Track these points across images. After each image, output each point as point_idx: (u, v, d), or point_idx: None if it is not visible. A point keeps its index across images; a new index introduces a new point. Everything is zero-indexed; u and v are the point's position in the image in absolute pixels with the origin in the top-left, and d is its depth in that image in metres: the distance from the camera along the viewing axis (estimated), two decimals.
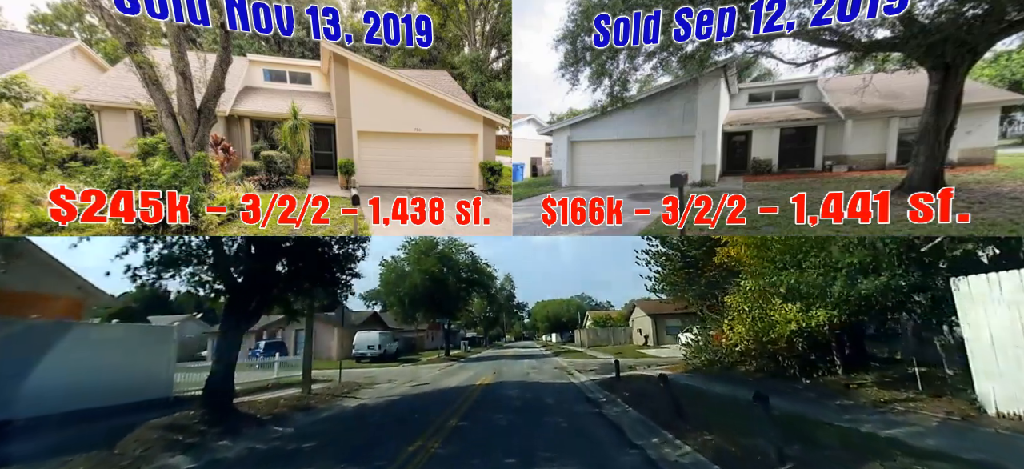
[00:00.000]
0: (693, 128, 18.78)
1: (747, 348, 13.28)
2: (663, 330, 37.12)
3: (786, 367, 12.64)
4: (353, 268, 13.12)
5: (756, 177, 19.01)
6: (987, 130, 17.63)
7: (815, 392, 10.77)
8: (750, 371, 14.16)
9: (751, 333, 12.54)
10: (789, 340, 11.68)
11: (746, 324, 12.64)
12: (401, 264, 33.12)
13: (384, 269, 33.43)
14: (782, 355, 12.55)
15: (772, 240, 11.54)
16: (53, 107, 14.40)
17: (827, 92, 20.04)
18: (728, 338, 13.74)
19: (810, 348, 11.91)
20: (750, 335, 12.61)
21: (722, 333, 14.63)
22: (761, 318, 12.09)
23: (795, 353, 12.18)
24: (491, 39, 31.64)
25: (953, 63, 11.30)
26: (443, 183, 17.35)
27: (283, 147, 15.97)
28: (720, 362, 15.23)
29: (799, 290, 10.70)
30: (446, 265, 33.27)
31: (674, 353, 25.29)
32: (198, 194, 9.46)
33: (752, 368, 14.08)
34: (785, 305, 11.46)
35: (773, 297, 11.90)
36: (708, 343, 16.04)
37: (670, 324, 36.21)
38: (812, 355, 12.01)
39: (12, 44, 17.39)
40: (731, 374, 14.52)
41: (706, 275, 16.93)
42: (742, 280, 13.11)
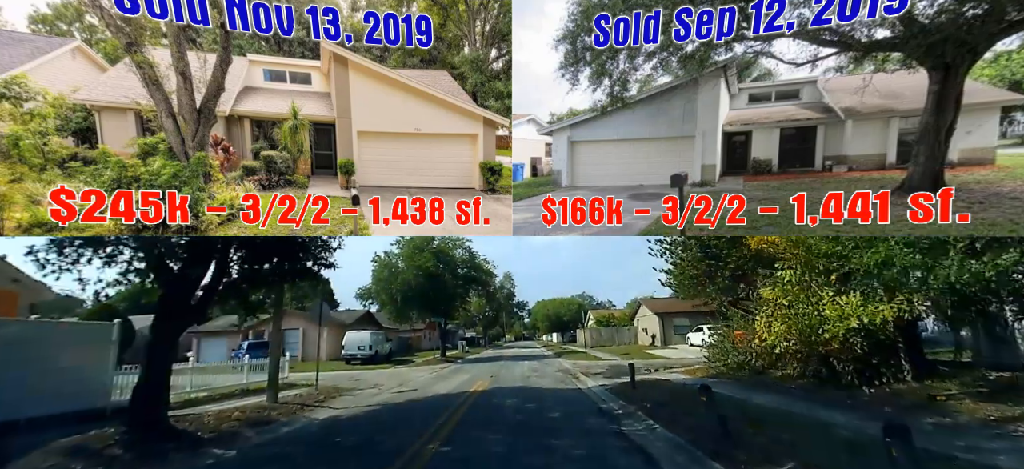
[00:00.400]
0: (693, 128, 18.78)
1: (789, 349, 11.36)
2: (671, 329, 35.61)
3: (842, 372, 10.61)
4: (324, 262, 11.65)
5: (756, 177, 19.01)
6: (987, 130, 17.64)
7: (889, 404, 8.83)
8: (789, 376, 12.37)
9: (794, 331, 10.73)
10: (845, 339, 9.86)
11: (787, 321, 10.84)
12: (395, 260, 31.37)
13: (376, 265, 31.68)
14: (836, 357, 10.61)
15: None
16: (53, 107, 14.41)
17: (827, 92, 20.04)
18: (762, 337, 11.90)
19: (872, 349, 10.05)
20: (794, 334, 10.78)
21: (750, 332, 12.92)
22: (806, 314, 10.38)
23: (853, 355, 10.21)
24: (491, 39, 31.65)
25: (953, 63, 11.31)
26: (443, 183, 17.35)
27: (283, 147, 15.97)
28: (750, 365, 13.42)
29: (878, 276, 9.25)
30: (442, 261, 31.39)
31: (685, 354, 24.56)
32: (198, 194, 9.45)
33: (793, 372, 12.23)
34: (840, 298, 9.90)
35: (822, 289, 10.43)
36: (735, 344, 14.18)
37: (678, 323, 34.98)
38: (873, 358, 10.15)
39: (12, 44, 17.40)
40: (763, 379, 12.85)
41: (730, 267, 15.24)
42: (780, 271, 11.42)
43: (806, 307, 10.45)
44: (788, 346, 11.22)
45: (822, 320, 10.00)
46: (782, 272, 11.26)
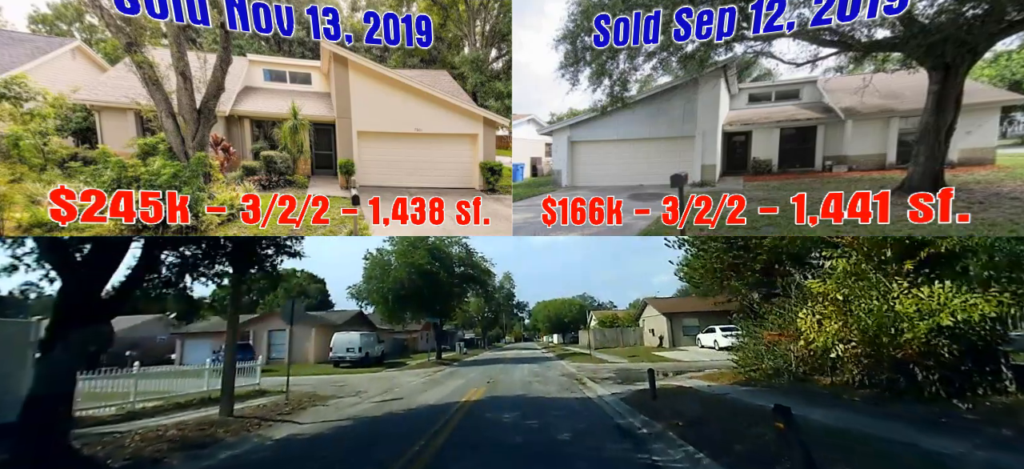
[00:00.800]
0: (693, 128, 18.79)
1: (848, 352, 9.55)
2: (680, 330, 33.74)
3: (923, 383, 8.51)
4: (271, 261, 10.81)
5: (756, 177, 19.01)
6: (987, 130, 17.65)
7: (999, 423, 6.83)
8: (846, 384, 10.07)
9: (855, 331, 8.98)
10: (927, 341, 8.13)
11: (843, 319, 9.20)
12: (387, 257, 29.77)
13: (368, 262, 30.04)
14: (915, 363, 8.56)
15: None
16: (53, 107, 14.41)
17: (827, 92, 20.05)
18: (809, 339, 10.11)
19: (961, 353, 8.16)
20: (855, 334, 9.03)
21: (790, 332, 11.21)
22: (872, 310, 8.66)
23: (939, 361, 8.21)
24: (491, 39, 31.67)
25: (953, 63, 11.31)
26: (443, 183, 17.35)
27: (283, 147, 15.98)
28: (790, 371, 11.58)
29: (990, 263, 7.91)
30: (437, 258, 29.72)
31: (698, 356, 23.45)
32: (198, 194, 9.45)
33: (852, 380, 9.92)
34: (920, 289, 8.38)
35: (892, 279, 8.94)
36: (769, 346, 12.31)
37: (688, 323, 33.39)
38: (962, 364, 8.25)
39: (12, 44, 17.40)
40: (809, 388, 10.69)
41: (762, 259, 13.48)
42: (832, 260, 9.68)
43: (870, 301, 8.78)
44: (847, 349, 9.45)
45: (896, 317, 8.39)
46: (834, 261, 9.67)
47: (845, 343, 9.41)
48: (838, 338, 9.44)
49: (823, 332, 9.66)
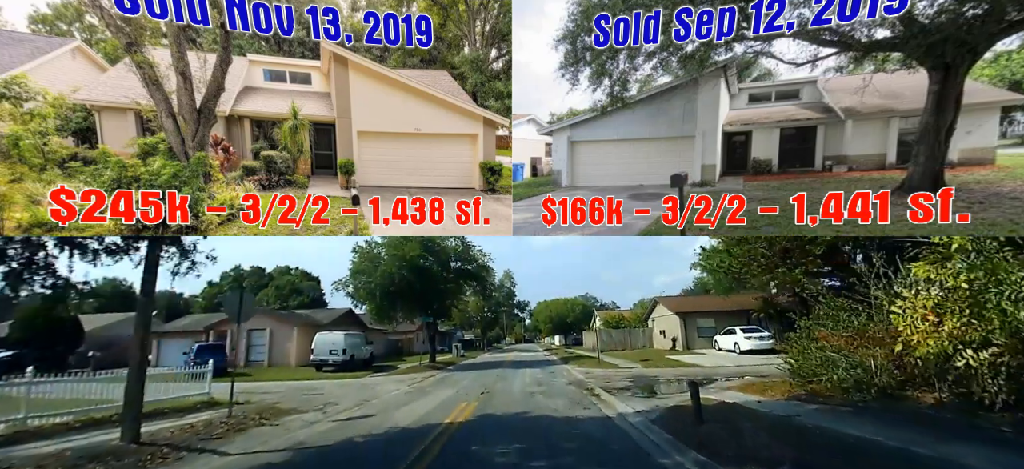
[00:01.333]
0: (693, 128, 18.79)
1: (992, 361, 6.94)
2: (694, 332, 30.56)
3: None
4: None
5: (756, 177, 19.02)
6: (987, 130, 17.66)
7: None
8: (972, 401, 7.49)
9: (1001, 334, 6.77)
10: None
11: (968, 315, 7.05)
12: (377, 250, 27.49)
13: (356, 255, 27.70)
14: None
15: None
16: (53, 107, 14.41)
17: (827, 92, 20.06)
18: (909, 341, 7.83)
19: None
20: (1000, 335, 6.79)
21: (867, 334, 9.06)
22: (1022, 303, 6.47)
23: None
24: (491, 39, 31.68)
25: (953, 63, 11.32)
26: (443, 183, 17.36)
27: (283, 147, 15.98)
28: (875, 384, 9.18)
29: None
30: (431, 252, 27.42)
31: (720, 360, 20.66)
32: (198, 194, 9.45)
33: (989, 399, 7.17)
34: None
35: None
36: (838, 353, 9.73)
37: (702, 324, 30.48)
38: None
39: (12, 44, 17.41)
40: (903, 406, 8.40)
41: (821, 244, 11.56)
42: (943, 248, 7.49)
43: (1019, 290, 6.55)
44: (986, 357, 6.95)
45: None
46: (945, 239, 7.58)
47: (982, 349, 7.00)
48: (962, 341, 7.21)
49: (939, 333, 7.34)
